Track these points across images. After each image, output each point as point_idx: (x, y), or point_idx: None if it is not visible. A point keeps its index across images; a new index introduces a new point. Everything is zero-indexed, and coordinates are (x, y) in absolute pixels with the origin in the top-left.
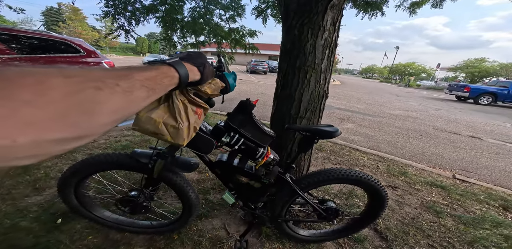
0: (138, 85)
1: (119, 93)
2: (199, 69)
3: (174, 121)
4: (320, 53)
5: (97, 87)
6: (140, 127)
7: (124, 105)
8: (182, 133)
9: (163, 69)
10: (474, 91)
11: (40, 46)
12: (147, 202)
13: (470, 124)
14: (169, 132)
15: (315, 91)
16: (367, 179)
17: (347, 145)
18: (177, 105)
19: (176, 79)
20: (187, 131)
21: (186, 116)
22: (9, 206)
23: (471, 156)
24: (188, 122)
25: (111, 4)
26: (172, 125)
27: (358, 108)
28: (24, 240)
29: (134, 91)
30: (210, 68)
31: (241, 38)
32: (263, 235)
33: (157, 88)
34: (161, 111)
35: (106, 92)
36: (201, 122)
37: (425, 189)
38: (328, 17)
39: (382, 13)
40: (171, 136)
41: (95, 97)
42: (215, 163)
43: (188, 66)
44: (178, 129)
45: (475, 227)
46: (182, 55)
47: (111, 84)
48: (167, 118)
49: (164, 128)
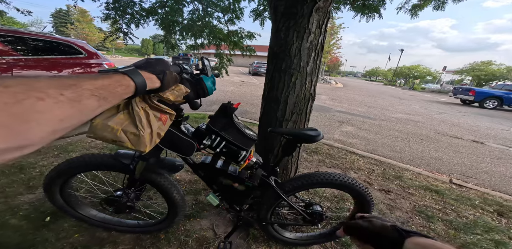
0: (87, 94)
1: (63, 102)
2: (158, 77)
3: (134, 128)
4: (306, 56)
5: (38, 97)
6: (96, 135)
7: (71, 114)
8: (144, 140)
9: (116, 77)
10: (479, 94)
11: (45, 48)
12: (131, 202)
13: (473, 128)
14: (130, 139)
15: (301, 94)
16: (351, 184)
17: (344, 148)
18: (137, 112)
19: (132, 87)
20: (149, 138)
21: (148, 123)
22: (1, 204)
23: (472, 161)
24: (150, 129)
25: (112, 7)
26: (132, 132)
27: (359, 111)
28: (11, 238)
29: (82, 100)
30: (172, 75)
31: (240, 40)
32: (250, 237)
33: (110, 97)
34: (119, 118)
35: (49, 101)
36: (166, 128)
37: (419, 193)
38: (313, 20)
39: (379, 16)
40: (131, 143)
41: (36, 107)
42: (198, 165)
43: (145, 74)
44: (139, 136)
45: (466, 232)
46: (139, 63)
47: (54, 94)
48: (127, 125)
49: (124, 135)
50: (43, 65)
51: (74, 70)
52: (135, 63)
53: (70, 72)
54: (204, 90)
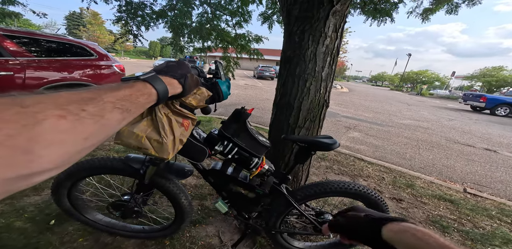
0: (109, 108)
1: (86, 119)
2: (179, 81)
3: (157, 135)
4: (321, 61)
5: (59, 115)
6: (123, 141)
7: (95, 130)
8: (167, 147)
9: (137, 86)
10: (490, 101)
11: (57, 49)
12: (138, 207)
13: (485, 136)
14: (153, 146)
15: (315, 100)
16: (366, 193)
17: (352, 154)
18: (160, 118)
19: (154, 96)
20: (172, 145)
21: (171, 129)
22: (7, 206)
23: (485, 170)
24: (173, 136)
25: (124, 9)
26: (155, 140)
27: (366, 116)
28: (15, 241)
29: (105, 114)
30: (193, 78)
31: (247, 43)
32: (257, 245)
33: (133, 108)
34: (143, 125)
35: (71, 119)
36: (188, 133)
37: (432, 203)
38: (330, 24)
39: (391, 20)
40: (155, 150)
41: (57, 127)
42: (208, 171)
43: (166, 79)
44: (162, 144)
45: (484, 243)
46: (159, 67)
47: (75, 110)
48: (150, 132)
49: (148, 142)
50: (55, 66)
51: (85, 72)
52: (156, 67)
53: (81, 73)
54: (219, 95)
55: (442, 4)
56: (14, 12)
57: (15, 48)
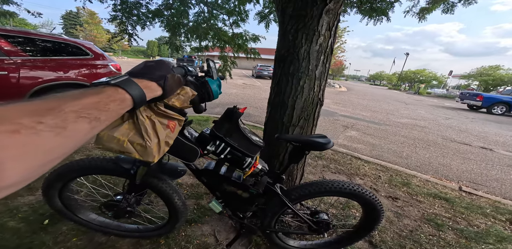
0: (72, 118)
1: (45, 131)
2: (158, 83)
3: (140, 139)
4: (315, 59)
5: (12, 131)
6: (103, 146)
7: (57, 143)
8: (151, 150)
9: (107, 92)
10: (487, 100)
11: (53, 49)
12: (131, 207)
13: (481, 135)
14: (137, 150)
15: (309, 98)
16: (361, 193)
17: (349, 153)
18: (142, 122)
19: (128, 101)
20: (157, 148)
21: (155, 132)
22: (1, 206)
23: (481, 168)
24: (157, 139)
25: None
26: (139, 143)
27: (364, 115)
28: (8, 241)
29: (67, 125)
30: (175, 78)
31: (244, 43)
32: (252, 244)
33: (103, 116)
34: (125, 128)
35: (26, 133)
36: (175, 135)
37: (427, 201)
38: (323, 22)
39: (388, 19)
40: (139, 154)
41: (11, 143)
42: (201, 171)
43: (143, 83)
44: (145, 147)
45: (478, 241)
46: (136, 68)
47: (30, 124)
48: (133, 136)
49: (130, 146)
50: (50, 66)
51: (80, 71)
52: (131, 69)
53: (77, 72)
54: (209, 94)
55: (439, 3)
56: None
57: (9, 47)
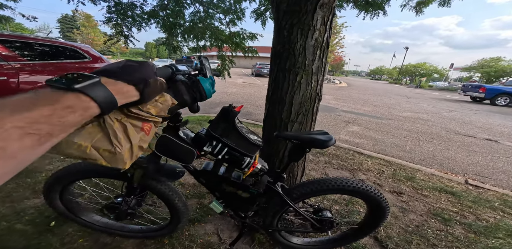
0: (16, 135)
1: None
2: (137, 87)
3: (108, 144)
4: (311, 54)
5: None
6: (61, 152)
7: None
8: (121, 157)
9: (65, 102)
10: (490, 91)
11: (51, 53)
12: (132, 209)
13: (486, 126)
14: (103, 157)
15: (307, 93)
16: (365, 190)
17: (351, 148)
18: (110, 125)
19: (94, 109)
20: (129, 154)
21: (126, 136)
22: (8, 209)
23: (487, 160)
24: (129, 143)
25: (113, 10)
26: (106, 149)
27: (365, 110)
28: (16, 242)
29: (9, 145)
30: (157, 83)
31: (242, 41)
32: (256, 242)
33: (57, 130)
34: (87, 133)
35: None
36: (150, 138)
37: (433, 195)
38: (318, 17)
39: (384, 13)
40: (106, 160)
41: None
42: (199, 172)
43: (117, 86)
44: (114, 154)
45: (487, 236)
46: (113, 67)
47: None
48: (98, 141)
49: (95, 152)
50: (49, 70)
51: None
52: (107, 66)
53: None
54: (201, 93)
55: None
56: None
57: (7, 52)
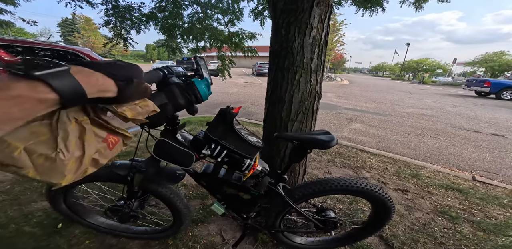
0: None
1: None
2: (118, 83)
3: (50, 148)
4: (309, 52)
5: None
6: None
7: None
8: (62, 167)
9: (13, 90)
10: (495, 85)
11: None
12: (134, 211)
13: (492, 121)
14: (34, 164)
15: (306, 92)
16: (369, 190)
17: (354, 146)
18: (64, 124)
19: (52, 101)
20: (75, 165)
21: (80, 142)
22: (16, 211)
23: (494, 156)
24: (81, 152)
25: (111, 13)
26: (42, 154)
27: (367, 107)
28: (25, 244)
29: None
30: (141, 85)
31: (241, 41)
32: (259, 242)
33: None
34: (30, 132)
35: None
36: (111, 154)
37: (439, 193)
38: (315, 14)
39: (383, 9)
40: (36, 170)
41: None
42: (199, 174)
43: (93, 76)
44: (53, 161)
45: (497, 234)
46: (99, 61)
47: None
48: (38, 143)
49: (25, 157)
50: None
51: None
52: (87, 61)
53: None
54: (197, 96)
55: None
56: (5, 21)
57: (9, 57)
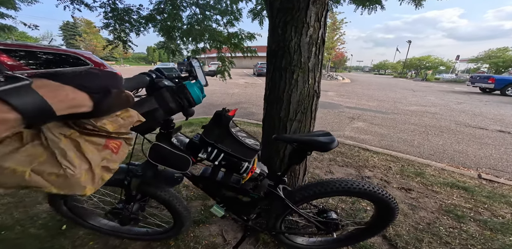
0: None
1: None
2: (92, 96)
3: (55, 166)
4: (306, 51)
5: None
6: None
7: None
8: (77, 180)
9: None
10: (499, 82)
11: (54, 60)
12: (134, 214)
13: (498, 118)
14: (51, 182)
15: (304, 91)
16: (372, 191)
17: (357, 145)
18: (55, 143)
19: (15, 120)
20: (88, 176)
21: (82, 155)
22: (22, 213)
23: (501, 153)
24: (88, 164)
25: (110, 16)
26: (52, 173)
27: (370, 105)
28: (31, 246)
29: None
30: (121, 95)
31: (240, 42)
32: (260, 243)
33: None
34: (27, 155)
35: None
36: (120, 158)
37: (444, 191)
38: (311, 13)
39: (382, 7)
40: (56, 186)
41: None
42: (198, 178)
43: (60, 91)
44: (66, 177)
45: (504, 233)
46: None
47: None
48: (42, 163)
49: (38, 178)
50: None
51: None
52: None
53: None
54: (189, 100)
55: None
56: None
57: (11, 62)
